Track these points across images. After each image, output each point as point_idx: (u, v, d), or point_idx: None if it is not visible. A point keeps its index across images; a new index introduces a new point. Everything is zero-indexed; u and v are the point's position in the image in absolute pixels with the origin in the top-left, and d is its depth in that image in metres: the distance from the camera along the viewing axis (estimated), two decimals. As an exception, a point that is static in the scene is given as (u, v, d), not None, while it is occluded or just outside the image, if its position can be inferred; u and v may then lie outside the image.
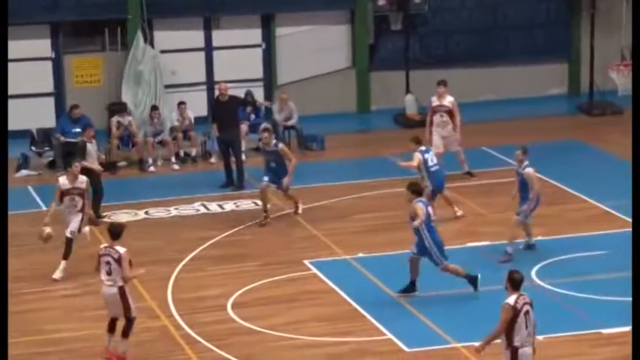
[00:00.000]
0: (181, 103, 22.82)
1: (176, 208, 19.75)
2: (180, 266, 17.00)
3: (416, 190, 15.47)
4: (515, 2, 26.07)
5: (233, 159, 20.64)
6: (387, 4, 24.95)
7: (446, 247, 17.12)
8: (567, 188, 20.17)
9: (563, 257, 16.81)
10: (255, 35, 25.14)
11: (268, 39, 25.13)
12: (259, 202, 19.80)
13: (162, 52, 24.19)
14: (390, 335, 14.54)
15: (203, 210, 19.72)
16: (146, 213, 19.50)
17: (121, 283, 13.70)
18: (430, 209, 15.44)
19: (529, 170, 16.67)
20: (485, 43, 26.16)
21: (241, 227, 18.69)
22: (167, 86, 24.10)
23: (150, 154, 22.17)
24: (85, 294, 16.05)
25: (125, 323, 13.81)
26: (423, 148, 18.30)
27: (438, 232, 15.50)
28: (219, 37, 24.91)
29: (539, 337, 14.25)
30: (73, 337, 14.70)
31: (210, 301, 15.70)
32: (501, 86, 26.08)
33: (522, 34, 26.29)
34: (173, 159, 22.30)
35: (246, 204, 19.94)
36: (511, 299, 11.84)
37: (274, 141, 18.68)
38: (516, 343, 11.78)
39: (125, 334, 13.82)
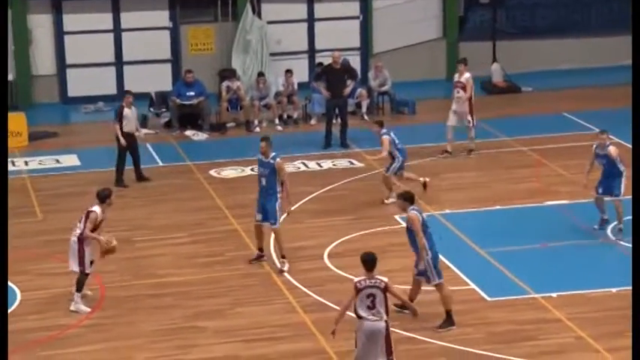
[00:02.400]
0: (288, 71, 22.75)
1: (279, 166, 19.70)
2: (281, 218, 16.96)
3: (408, 197, 13.24)
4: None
5: (334, 122, 20.62)
6: (476, -22, 24.51)
7: (528, 205, 16.90)
8: None
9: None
10: (353, 8, 24.92)
11: (365, 11, 24.89)
12: (355, 162, 19.73)
13: (269, 22, 24.14)
14: (473, 285, 14.38)
15: (303, 168, 19.68)
16: (252, 170, 19.44)
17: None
18: (424, 215, 13.34)
19: (612, 148, 15.94)
20: (567, 15, 25.59)
21: (338, 184, 18.61)
22: (272, 54, 24.05)
23: (256, 116, 22.18)
24: (193, 242, 16.16)
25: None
26: (384, 130, 17.37)
27: (434, 242, 13.48)
28: (320, 9, 24.74)
29: (613, 290, 14.02)
30: (184, 281, 14.82)
31: (309, 251, 15.67)
32: (582, 56, 25.47)
33: (603, 7, 25.63)
34: (277, 121, 22.29)
35: (343, 163, 19.84)
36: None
37: (273, 153, 15.18)
38: None
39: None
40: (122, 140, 18.54)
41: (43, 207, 17.67)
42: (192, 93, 21.97)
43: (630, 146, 19.93)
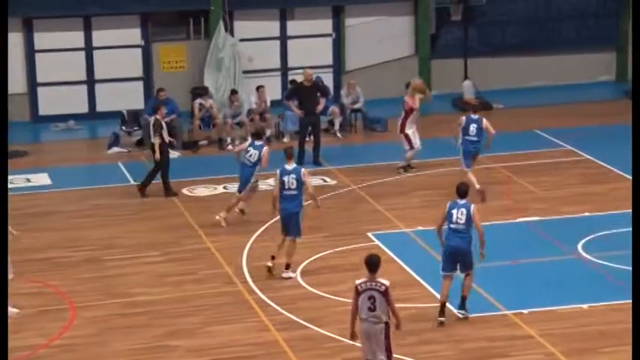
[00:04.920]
0: (260, 87, 22.83)
1: (251, 184, 19.75)
2: (254, 236, 17.04)
3: (463, 190, 13.91)
4: (567, -6, 25.70)
5: (307, 140, 20.76)
6: (447, -4, 24.72)
7: (498, 222, 17.02)
8: (612, 168, 19.84)
9: (607, 232, 16.54)
10: (326, 25, 25.05)
11: (338, 29, 25.03)
12: (327, 179, 19.82)
13: (242, 40, 24.20)
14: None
15: (276, 185, 19.69)
16: (224, 188, 19.57)
17: None
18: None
19: None
20: (539, 32, 25.81)
21: (311, 201, 18.62)
22: (245, 72, 24.11)
23: (228, 133, 22.23)
24: (165, 261, 16.17)
25: None
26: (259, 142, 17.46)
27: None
28: (293, 27, 24.86)
29: (584, 306, 14.15)
30: (156, 300, 14.81)
31: (282, 269, 15.69)
32: (553, 73, 25.71)
33: (573, 24, 25.89)
34: (249, 139, 22.27)
35: (316, 181, 19.86)
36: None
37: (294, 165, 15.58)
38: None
39: None
40: (157, 154, 18.65)
41: (13, 227, 17.59)
42: (164, 111, 21.94)
43: (602, 163, 20.25)
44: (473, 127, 18.25)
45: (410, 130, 19.76)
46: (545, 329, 13.54)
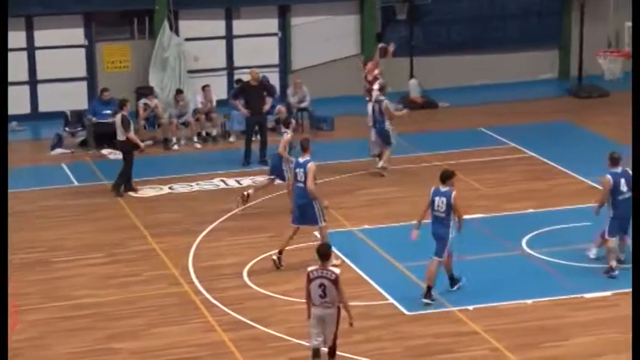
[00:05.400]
0: (206, 86, 22.75)
1: (197, 184, 19.72)
2: (200, 237, 16.98)
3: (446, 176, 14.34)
4: (512, -7, 25.92)
5: (254, 139, 20.74)
6: (392, -5, 24.81)
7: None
8: (556, 165, 20.05)
9: (551, 228, 16.71)
10: (272, 25, 25.02)
11: (284, 28, 25.01)
12: (277, 182, 19.78)
13: (187, 40, 24.08)
14: (391, 300, 14.52)
15: (222, 185, 19.68)
16: (170, 188, 19.48)
17: None
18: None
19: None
20: (484, 31, 26.00)
21: (257, 201, 18.64)
22: (190, 71, 24.00)
23: (174, 133, 22.12)
24: (111, 262, 16.05)
25: None
26: None
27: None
28: (239, 26, 24.79)
29: (528, 302, 14.29)
30: (100, 302, 14.69)
31: (228, 269, 15.68)
32: (497, 71, 25.91)
33: (517, 23, 26.11)
34: (195, 138, 22.26)
35: (262, 179, 19.85)
36: None
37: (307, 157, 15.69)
38: None
39: None
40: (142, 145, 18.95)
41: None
42: (108, 111, 21.81)
43: (545, 160, 20.46)
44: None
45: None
46: (490, 325, 13.65)
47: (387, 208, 17.97)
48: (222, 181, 19.87)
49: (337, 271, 11.99)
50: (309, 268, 12.03)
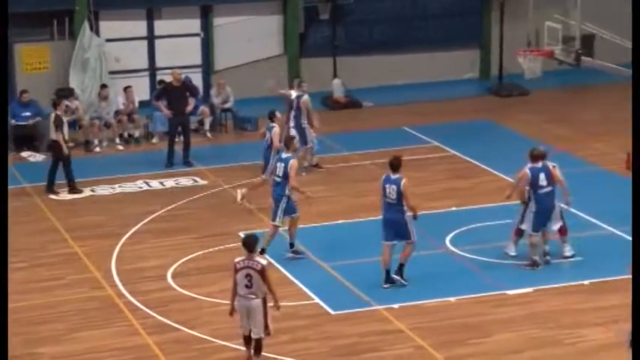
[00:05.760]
0: (128, 87, 22.52)
1: (120, 186, 19.51)
2: (123, 240, 16.80)
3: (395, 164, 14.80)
4: (433, -7, 26.13)
5: (176, 140, 20.58)
6: (315, -5, 24.84)
7: (370, 219, 17.19)
8: (478, 163, 20.26)
9: (473, 226, 16.88)
10: (194, 25, 24.86)
11: (206, 28, 24.88)
12: (198, 180, 19.70)
13: (108, 40, 23.80)
14: (317, 299, 14.52)
15: (145, 187, 19.50)
16: (92, 190, 19.24)
17: None
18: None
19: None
20: (406, 31, 26.16)
21: (181, 202, 18.52)
22: (112, 72, 23.73)
23: (95, 135, 21.86)
24: (32, 267, 15.80)
25: None
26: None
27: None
28: (160, 26, 24.59)
29: (452, 299, 14.41)
30: (22, 306, 14.44)
31: (151, 272, 15.54)
32: (420, 71, 26.11)
33: (439, 23, 26.33)
34: (117, 140, 22.03)
35: (186, 181, 19.76)
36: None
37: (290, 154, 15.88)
38: None
39: None
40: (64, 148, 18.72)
41: None
42: (27, 113, 21.49)
43: (467, 158, 20.66)
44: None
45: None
46: (415, 323, 13.73)
47: (314, 208, 17.94)
48: (146, 183, 19.69)
49: (264, 261, 12.22)
50: (236, 259, 12.27)
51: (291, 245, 15.93)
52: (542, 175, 15.08)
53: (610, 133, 21.76)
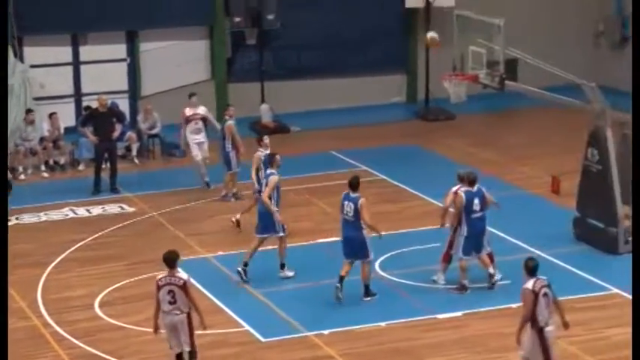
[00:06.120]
0: (53, 114, 22.30)
1: (46, 214, 19.26)
2: (49, 268, 16.57)
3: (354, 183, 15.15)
4: (359, 19, 26.25)
5: (103, 167, 20.44)
6: (242, 20, 24.81)
7: (299, 244, 17.20)
8: (406, 187, 20.40)
9: (402, 250, 16.97)
10: (120, 50, 24.70)
11: (132, 54, 24.74)
12: (125, 207, 19.54)
13: (32, 66, 23.52)
14: (247, 327, 14.46)
15: (72, 215, 19.27)
16: (17, 219, 18.95)
17: None
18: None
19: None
20: (333, 56, 26.30)
21: (108, 230, 18.33)
22: (37, 99, 23.43)
23: (20, 162, 21.56)
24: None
25: None
26: None
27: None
28: (86, 52, 24.39)
29: (382, 324, 14.46)
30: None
31: (78, 301, 15.34)
32: (348, 96, 26.25)
33: (366, 48, 26.53)
34: (43, 167, 21.76)
35: (113, 208, 19.57)
36: (529, 284, 11.87)
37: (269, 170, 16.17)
38: (541, 324, 11.81)
39: None
40: None
41: None
42: (-51, 141, 21.09)
43: (395, 182, 20.80)
44: None
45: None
46: (345, 349, 13.74)
47: (242, 234, 17.91)
48: (72, 210, 19.46)
49: (185, 276, 12.36)
50: (158, 276, 12.40)
51: (282, 266, 15.99)
52: (476, 200, 15.20)
53: (535, 156, 22.12)
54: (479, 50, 23.42)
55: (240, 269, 15.82)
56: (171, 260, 12.40)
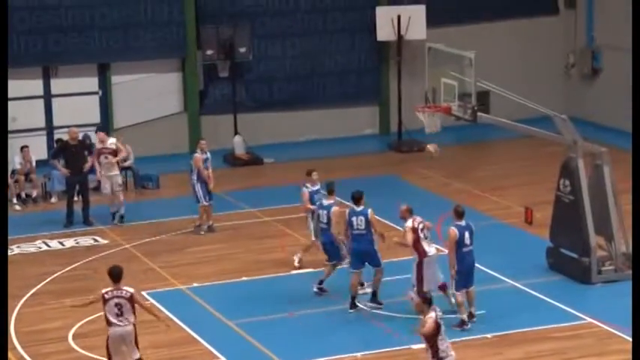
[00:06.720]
0: (24, 147, 22.32)
1: (18, 247, 19.23)
2: (22, 301, 16.53)
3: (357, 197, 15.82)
4: (331, 52, 26.50)
5: (75, 199, 20.47)
6: (214, 53, 24.99)
7: (274, 275, 17.25)
8: (380, 219, 20.47)
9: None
10: (92, 83, 24.80)
11: (104, 86, 24.82)
12: (99, 239, 19.54)
13: (3, 99, 23.54)
14: (222, 358, 14.48)
15: (44, 247, 19.25)
16: (-11, 252, 18.88)
17: None
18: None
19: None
20: (305, 88, 26.50)
21: (82, 262, 18.33)
22: (8, 132, 23.40)
23: (-8, 195, 21.52)
24: None
25: None
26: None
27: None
28: (57, 85, 24.45)
29: (358, 355, 14.53)
30: None
31: (52, 333, 15.32)
32: (321, 127, 26.45)
33: (338, 81, 26.75)
34: (15, 200, 21.74)
35: (86, 241, 19.58)
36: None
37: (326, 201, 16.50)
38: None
39: None
40: None
41: None
42: None
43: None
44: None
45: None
46: (321, 380, 13.78)
47: (216, 265, 17.98)
48: (45, 243, 19.46)
49: (131, 289, 12.82)
50: (104, 290, 12.85)
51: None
52: (467, 234, 15.16)
53: (508, 187, 22.37)
54: (451, 82, 23.71)
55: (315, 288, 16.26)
56: (115, 274, 12.86)
